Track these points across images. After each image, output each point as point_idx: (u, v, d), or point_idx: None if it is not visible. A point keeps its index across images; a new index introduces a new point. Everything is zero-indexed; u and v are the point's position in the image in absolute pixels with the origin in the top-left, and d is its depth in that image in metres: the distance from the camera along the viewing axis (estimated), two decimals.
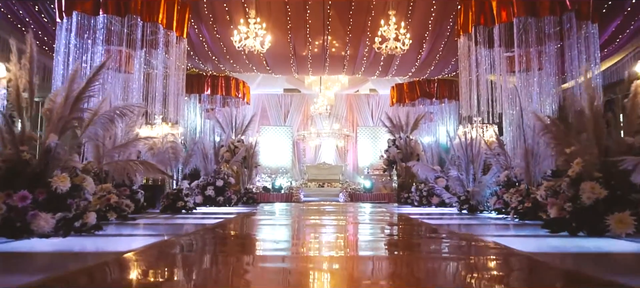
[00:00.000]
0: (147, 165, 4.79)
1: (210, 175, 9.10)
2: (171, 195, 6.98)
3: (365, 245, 3.78)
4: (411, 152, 11.00)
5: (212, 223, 5.35)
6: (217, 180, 8.96)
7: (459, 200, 7.38)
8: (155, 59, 10.79)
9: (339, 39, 12.88)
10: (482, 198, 7.04)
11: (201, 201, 8.77)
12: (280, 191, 17.33)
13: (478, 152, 7.46)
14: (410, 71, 14.51)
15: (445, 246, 3.66)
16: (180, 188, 7.02)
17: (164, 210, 7.02)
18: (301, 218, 6.39)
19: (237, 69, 14.66)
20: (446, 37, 12.70)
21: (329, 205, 10.38)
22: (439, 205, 8.88)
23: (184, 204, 6.91)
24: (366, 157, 19.64)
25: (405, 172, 10.81)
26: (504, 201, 6.10)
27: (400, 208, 9.52)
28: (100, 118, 4.50)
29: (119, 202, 5.18)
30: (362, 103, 20.50)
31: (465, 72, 11.49)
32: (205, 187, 8.99)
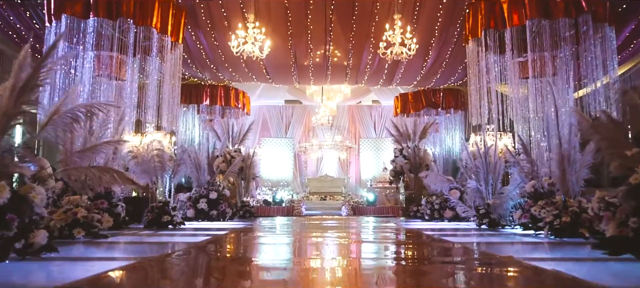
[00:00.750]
0: (113, 172, 3.95)
1: (203, 187, 8.22)
2: (156, 209, 6.11)
3: (379, 273, 2.90)
4: (420, 162, 10.10)
5: (198, 242, 4.50)
6: (211, 192, 8.07)
7: (478, 214, 6.50)
8: (149, 65, 9.99)
9: (341, 45, 12.12)
10: (504, 212, 6.18)
11: (193, 215, 7.87)
12: (281, 204, 16.44)
13: (497, 161, 6.59)
14: (415, 79, 13.71)
15: (485, 274, 2.78)
16: (167, 200, 6.16)
17: (149, 226, 6.17)
18: (301, 235, 5.52)
19: (236, 77, 13.89)
20: (453, 44, 11.92)
21: (332, 220, 9.41)
22: (453, 220, 7.97)
23: (170, 219, 6.04)
24: (369, 170, 18.78)
25: (415, 184, 9.90)
26: (532, 215, 5.23)
27: (410, 223, 8.70)
28: (62, 117, 3.65)
29: (89, 216, 4.33)
30: (364, 114, 19.69)
31: (474, 79, 10.67)
32: (197, 200, 8.10)
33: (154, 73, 10.09)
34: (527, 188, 5.38)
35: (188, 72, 13.49)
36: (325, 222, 8.42)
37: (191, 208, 7.83)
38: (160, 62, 10.26)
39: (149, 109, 9.87)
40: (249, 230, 6.23)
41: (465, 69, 13.07)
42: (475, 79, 10.68)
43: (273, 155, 18.88)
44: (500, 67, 10.53)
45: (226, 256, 3.84)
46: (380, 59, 12.46)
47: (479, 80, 10.66)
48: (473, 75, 10.68)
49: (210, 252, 3.85)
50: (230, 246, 4.34)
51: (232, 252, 4.03)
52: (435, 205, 8.25)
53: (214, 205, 8.06)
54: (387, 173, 17.69)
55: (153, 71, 10.00)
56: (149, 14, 9.79)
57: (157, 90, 10.28)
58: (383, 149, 18.87)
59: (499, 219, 6.26)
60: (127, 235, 5.06)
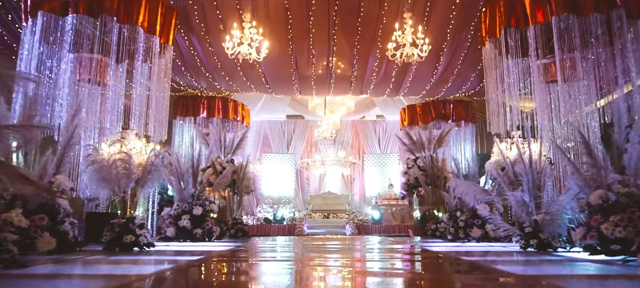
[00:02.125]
0: None
1: (186, 201, 6.71)
2: (116, 227, 4.65)
3: None
4: (438, 173, 8.59)
5: (151, 273, 3.06)
6: (195, 207, 6.57)
7: (523, 233, 4.97)
8: (135, 67, 8.65)
9: (345, 51, 10.80)
10: (556, 230, 4.72)
11: (173, 234, 6.35)
12: (282, 222, 14.93)
13: (542, 169, 5.12)
14: (425, 89, 12.34)
15: None
16: (132, 216, 4.71)
17: (108, 248, 4.72)
18: (300, 264, 4.05)
19: (234, 87, 12.55)
20: (466, 48, 10.58)
21: (337, 241, 7.74)
22: (482, 240, 6.44)
23: (134, 239, 4.58)
24: (374, 186, 17.29)
25: (433, 198, 8.38)
26: (601, 234, 3.78)
27: (429, 244, 7.00)
28: None
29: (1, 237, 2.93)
30: (368, 130, 18.30)
31: (493, 83, 9.27)
32: (179, 217, 6.59)
33: (139, 76, 8.74)
34: (592, 199, 3.94)
35: (183, 80, 12.18)
36: (330, 244, 6.86)
37: (171, 226, 6.30)
38: (148, 65, 8.92)
39: (133, 115, 8.49)
40: (234, 254, 4.77)
41: (478, 77, 11.74)
42: (494, 84, 9.29)
43: (274, 172, 17.45)
44: (522, 70, 9.14)
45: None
46: (387, 66, 11.14)
47: (499, 84, 9.28)
48: (492, 80, 9.29)
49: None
50: (189, 281, 2.88)
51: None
52: (459, 222, 6.63)
53: (198, 222, 6.55)
54: (393, 190, 16.26)
55: (138, 74, 8.65)
56: (134, 11, 8.53)
57: (144, 95, 8.93)
58: (388, 165, 17.42)
59: (551, 239, 4.79)
60: (61, 264, 3.60)
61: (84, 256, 4.12)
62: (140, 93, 8.78)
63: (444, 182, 8.34)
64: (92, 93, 8.67)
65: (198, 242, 6.27)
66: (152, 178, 5.04)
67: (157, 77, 9.16)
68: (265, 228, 14.28)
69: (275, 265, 3.96)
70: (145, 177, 5.02)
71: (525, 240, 4.92)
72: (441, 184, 8.35)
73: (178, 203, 6.46)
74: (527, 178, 4.95)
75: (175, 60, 10.94)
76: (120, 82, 8.82)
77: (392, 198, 15.91)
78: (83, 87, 8.72)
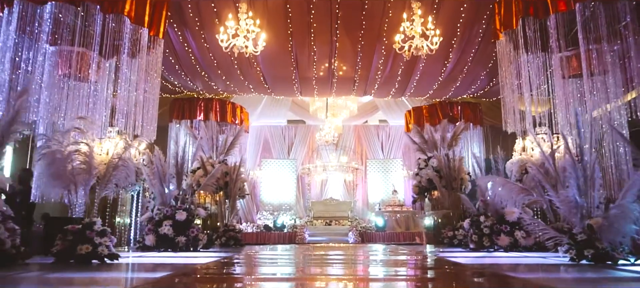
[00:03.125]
0: None
1: (168, 205, 5.65)
2: (70, 234, 3.63)
3: None
4: (455, 174, 7.51)
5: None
6: (178, 212, 5.53)
7: (574, 242, 3.90)
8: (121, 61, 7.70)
9: (348, 50, 9.82)
10: (619, 238, 3.69)
11: (153, 242, 5.31)
12: (283, 230, 13.86)
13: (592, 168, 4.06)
14: (432, 88, 11.36)
15: None
16: (90, 221, 3.68)
17: (59, 259, 3.69)
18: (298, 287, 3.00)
19: (231, 88, 11.58)
20: (477, 44, 9.61)
21: (341, 251, 6.49)
22: (511, 249, 5.38)
23: (91, 249, 3.56)
24: (377, 193, 16.23)
25: (450, 201, 7.29)
26: None
27: (449, 253, 5.66)
28: None
29: None
30: (371, 135, 17.29)
31: (508, 79, 8.28)
32: (160, 223, 5.56)
33: (125, 70, 7.79)
34: None
35: (178, 81, 11.22)
36: (332, 255, 5.73)
37: (151, 233, 5.27)
38: (135, 59, 7.97)
39: (118, 113, 7.52)
40: (214, 269, 3.74)
41: (488, 76, 10.76)
42: (509, 79, 8.30)
43: (275, 178, 16.42)
44: (538, 65, 8.15)
45: None
46: (393, 64, 10.17)
47: (514, 80, 8.30)
48: (507, 75, 8.30)
49: None
50: None
51: None
52: (484, 229, 5.62)
53: (181, 229, 5.62)
54: (397, 196, 15.20)
55: (124, 68, 7.70)
56: (119, 0, 7.59)
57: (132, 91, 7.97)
58: (392, 171, 16.38)
59: (611, 251, 3.75)
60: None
61: (18, 272, 3.12)
62: (126, 89, 7.81)
63: (460, 183, 7.30)
64: (74, 88, 7.70)
65: (181, 252, 5.22)
66: (118, 176, 4.05)
67: (146, 73, 8.21)
68: (265, 236, 13.21)
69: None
70: (109, 174, 4.03)
71: (577, 250, 3.87)
72: (458, 186, 7.31)
73: (159, 208, 5.42)
74: (577, 174, 3.92)
75: (168, 58, 10.01)
76: (104, 77, 7.87)
77: (396, 205, 14.84)
78: (64, 82, 7.74)
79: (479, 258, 4.53)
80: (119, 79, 7.68)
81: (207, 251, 5.56)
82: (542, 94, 8.18)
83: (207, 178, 6.15)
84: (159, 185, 5.48)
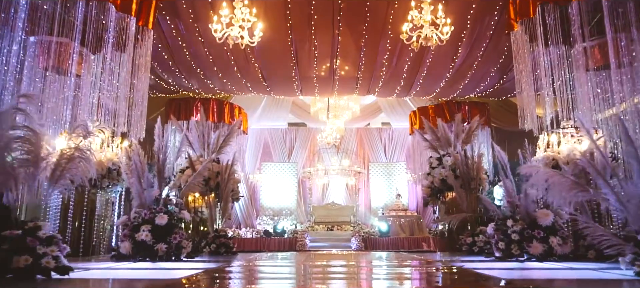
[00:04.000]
0: None
1: (147, 207, 4.75)
2: (8, 242, 2.73)
3: None
4: (473, 174, 6.59)
5: None
6: (158, 215, 4.66)
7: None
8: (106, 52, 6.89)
9: (351, 45, 9.01)
10: None
11: (129, 251, 4.42)
12: (283, 235, 12.98)
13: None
14: (438, 86, 10.53)
15: None
16: (35, 226, 2.83)
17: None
18: None
19: (228, 86, 10.77)
20: (488, 38, 8.79)
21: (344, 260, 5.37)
22: (545, 258, 4.46)
23: (33, 261, 2.69)
24: (380, 197, 15.37)
25: (468, 203, 6.38)
26: None
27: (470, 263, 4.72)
28: None
29: None
30: (373, 138, 16.44)
31: (526, 72, 7.44)
32: (137, 228, 4.71)
33: (111, 63, 6.98)
34: None
35: (173, 79, 10.41)
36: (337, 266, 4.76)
37: (127, 240, 4.40)
38: (123, 52, 7.17)
39: (102, 108, 6.70)
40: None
41: (499, 73, 9.93)
42: (527, 73, 7.47)
43: (275, 182, 15.57)
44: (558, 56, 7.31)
45: None
46: (398, 59, 9.36)
47: (531, 73, 7.47)
48: (524, 69, 7.46)
49: None
50: None
51: None
52: (512, 235, 4.51)
53: (162, 235, 4.51)
54: (400, 200, 14.35)
55: (108, 60, 6.88)
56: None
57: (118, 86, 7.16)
58: (395, 174, 15.53)
59: None
60: None
61: None
62: (111, 83, 7.00)
63: (478, 184, 6.43)
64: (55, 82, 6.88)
65: (161, 261, 4.36)
66: (73, 171, 3.21)
67: (135, 66, 7.41)
68: (264, 241, 12.35)
69: None
70: (62, 168, 3.19)
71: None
72: (476, 187, 6.45)
73: (137, 210, 4.56)
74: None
75: (161, 53, 9.22)
76: (88, 70, 7.05)
77: (400, 209, 13.98)
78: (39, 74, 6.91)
79: (513, 271, 3.64)
80: (104, 73, 6.85)
81: (191, 261, 4.65)
82: (562, 87, 7.32)
83: (193, 176, 5.24)
84: (137, 184, 4.61)
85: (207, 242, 5.91)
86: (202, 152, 6.76)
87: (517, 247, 4.22)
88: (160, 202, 4.49)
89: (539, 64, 7.35)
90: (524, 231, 4.21)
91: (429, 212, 15.49)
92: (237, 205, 16.04)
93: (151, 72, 10.02)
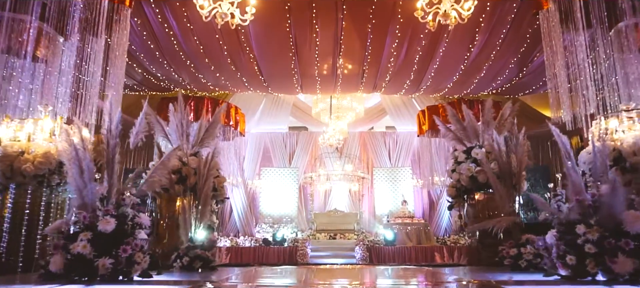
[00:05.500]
0: None
1: (91, 208, 3.34)
2: None
3: None
4: (515, 169, 5.11)
5: None
6: (102, 219, 3.31)
7: None
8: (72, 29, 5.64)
9: (356, 33, 7.73)
10: None
11: (60, 267, 3.01)
12: (283, 244, 11.59)
13: None
14: (451, 81, 9.24)
15: None
16: None
17: None
18: None
19: (222, 81, 9.50)
20: (508, 24, 7.49)
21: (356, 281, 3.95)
22: (636, 280, 2.93)
23: None
24: (385, 203, 13.99)
25: (509, 204, 4.83)
26: None
27: (528, 286, 3.45)
28: None
29: None
30: (377, 142, 15.11)
31: (560, 53, 6.12)
32: (74, 236, 3.35)
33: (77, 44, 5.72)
34: None
35: (161, 72, 9.15)
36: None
37: (59, 252, 3.00)
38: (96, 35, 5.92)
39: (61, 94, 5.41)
40: None
41: (518, 65, 8.62)
42: (562, 57, 6.15)
43: (275, 188, 14.23)
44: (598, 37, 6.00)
45: None
46: (408, 48, 8.05)
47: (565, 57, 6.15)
48: (558, 49, 6.15)
49: None
50: None
51: None
52: (585, 246, 2.92)
53: (107, 246, 3.09)
54: (407, 207, 12.96)
55: (75, 41, 5.62)
56: None
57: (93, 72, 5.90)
58: (400, 180, 14.17)
59: None
60: None
61: None
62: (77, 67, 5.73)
63: (518, 180, 5.02)
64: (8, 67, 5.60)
65: (103, 283, 2.94)
66: None
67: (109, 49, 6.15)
68: (262, 251, 10.96)
69: None
70: None
71: None
72: (519, 184, 5.05)
73: (75, 213, 3.20)
74: None
75: (146, 42, 7.97)
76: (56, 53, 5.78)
77: (407, 216, 12.59)
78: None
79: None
80: (65, 54, 5.57)
81: (147, 281, 3.25)
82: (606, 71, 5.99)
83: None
84: (77, 178, 3.24)
85: (179, 254, 4.54)
86: (181, 145, 5.48)
87: (593, 262, 2.89)
88: (109, 202, 3.18)
89: (573, 46, 6.05)
90: (603, 240, 2.89)
91: (436, 219, 14.13)
92: (235, 212, 14.71)
93: (138, 64, 8.80)
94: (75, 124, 3.56)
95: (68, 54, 5.77)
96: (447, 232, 13.34)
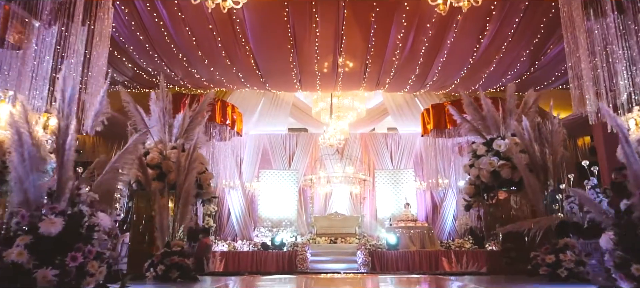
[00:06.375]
0: None
1: (36, 205, 2.70)
2: None
3: None
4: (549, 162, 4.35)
5: None
6: (44, 219, 2.69)
7: None
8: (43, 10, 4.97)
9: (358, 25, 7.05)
10: None
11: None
12: (282, 248, 10.88)
13: None
14: (458, 76, 8.59)
15: None
16: None
17: None
18: None
19: (217, 77, 8.84)
20: (522, 12, 6.84)
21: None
22: None
23: None
24: (387, 207, 13.27)
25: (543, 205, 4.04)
26: None
27: None
28: None
29: None
30: (379, 143, 14.40)
31: (583, 40, 5.44)
32: (10, 240, 2.80)
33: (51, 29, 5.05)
34: None
35: (152, 66, 8.51)
36: None
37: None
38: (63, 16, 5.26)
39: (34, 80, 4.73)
40: None
41: (531, 57, 7.95)
42: (584, 45, 5.47)
43: (274, 190, 13.51)
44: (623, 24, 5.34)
45: None
46: (414, 40, 7.38)
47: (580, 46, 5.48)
48: (580, 34, 5.48)
49: None
50: None
51: None
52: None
53: (52, 253, 2.33)
54: (410, 210, 12.25)
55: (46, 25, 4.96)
56: None
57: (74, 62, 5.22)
58: (402, 182, 13.45)
59: None
60: None
61: None
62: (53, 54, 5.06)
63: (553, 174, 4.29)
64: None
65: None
66: None
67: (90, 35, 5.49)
68: (261, 256, 10.25)
69: None
70: None
71: None
72: (553, 179, 4.32)
73: (15, 211, 2.51)
74: None
75: (135, 33, 7.31)
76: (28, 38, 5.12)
77: (410, 219, 11.90)
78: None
79: None
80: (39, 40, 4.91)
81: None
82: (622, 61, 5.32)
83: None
84: (19, 167, 2.53)
85: (152, 262, 3.82)
86: (163, 138, 4.79)
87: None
88: (60, 198, 2.49)
89: (599, 31, 5.38)
90: None
91: (439, 222, 13.43)
92: (233, 215, 14.00)
93: (127, 58, 8.15)
94: (21, 102, 2.87)
95: (42, 39, 5.11)
96: (451, 236, 12.65)
